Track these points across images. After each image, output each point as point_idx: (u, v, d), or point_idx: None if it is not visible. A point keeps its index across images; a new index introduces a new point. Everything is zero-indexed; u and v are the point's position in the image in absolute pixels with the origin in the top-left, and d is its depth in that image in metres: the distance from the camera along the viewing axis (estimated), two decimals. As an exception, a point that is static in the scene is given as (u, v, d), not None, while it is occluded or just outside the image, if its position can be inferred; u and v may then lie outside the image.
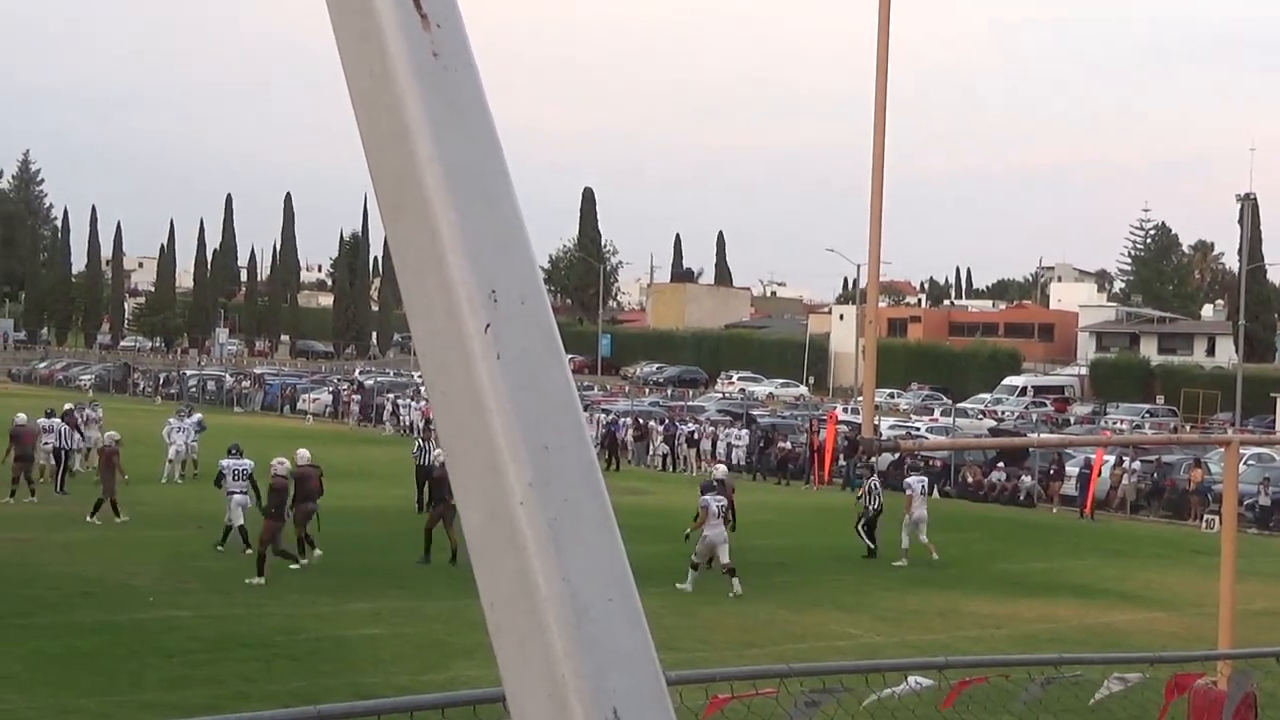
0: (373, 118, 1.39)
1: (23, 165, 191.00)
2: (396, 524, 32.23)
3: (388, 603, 22.87)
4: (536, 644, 1.23)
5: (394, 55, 1.36)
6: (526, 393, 1.31)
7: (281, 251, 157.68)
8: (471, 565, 1.31)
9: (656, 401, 74.55)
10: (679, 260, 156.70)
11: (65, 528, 29.03)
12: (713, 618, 23.12)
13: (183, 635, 19.78)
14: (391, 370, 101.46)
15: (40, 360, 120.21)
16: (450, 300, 1.33)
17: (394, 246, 1.41)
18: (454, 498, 1.31)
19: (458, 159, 1.37)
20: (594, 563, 1.27)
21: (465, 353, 1.32)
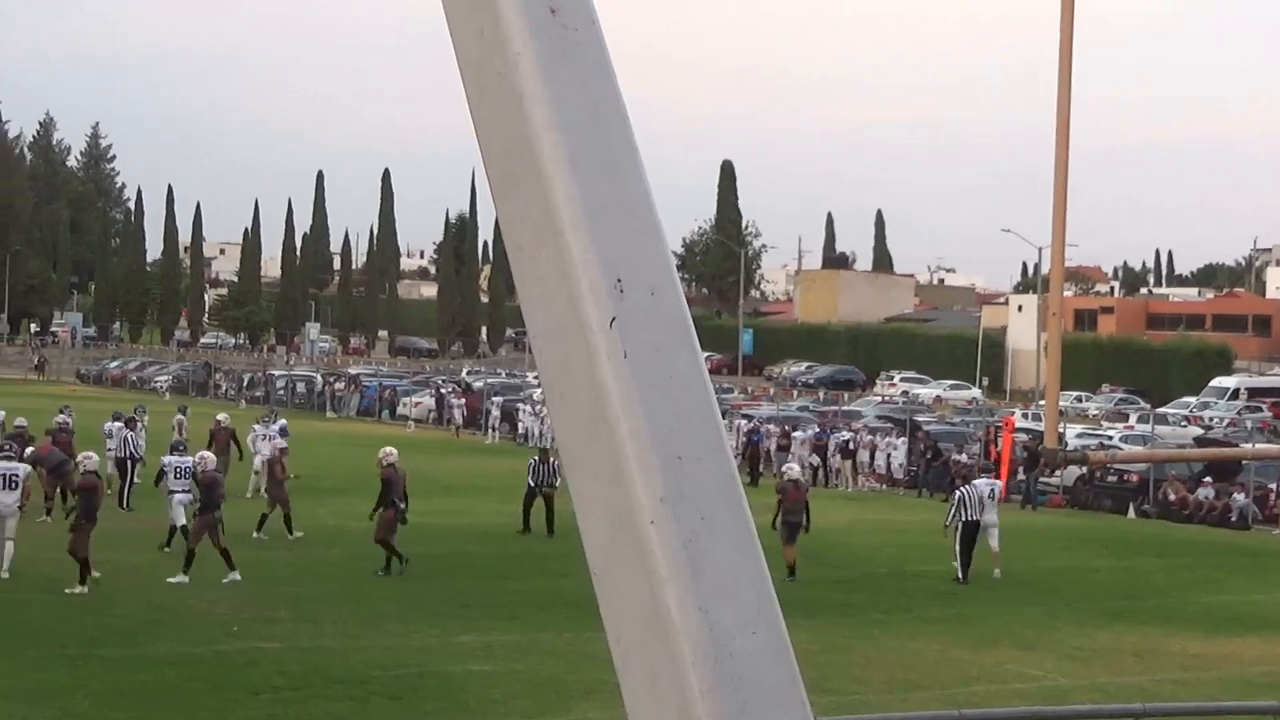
0: (482, 83, 1.39)
1: (92, 140, 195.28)
2: (509, 545, 32.43)
3: (499, 635, 23.01)
4: (669, 682, 1.23)
5: (507, 13, 1.36)
6: (657, 395, 1.30)
7: (379, 236, 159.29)
8: (594, 592, 1.31)
9: (806, 406, 74.22)
10: (831, 244, 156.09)
11: (138, 548, 29.56)
12: (871, 654, 22.97)
13: (269, 669, 20.04)
14: (503, 370, 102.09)
15: (111, 359, 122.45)
16: (570, 290, 1.33)
17: (506, 228, 1.41)
18: (575, 519, 1.32)
19: (578, 128, 1.37)
20: (735, 589, 1.26)
21: (587, 350, 1.32)
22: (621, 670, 1.29)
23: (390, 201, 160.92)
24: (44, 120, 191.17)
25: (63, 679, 18.92)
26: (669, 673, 1.27)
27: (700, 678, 1.26)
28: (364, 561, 28.95)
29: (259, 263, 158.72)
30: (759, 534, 1.33)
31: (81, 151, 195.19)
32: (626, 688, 1.29)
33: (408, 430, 70.77)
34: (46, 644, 20.73)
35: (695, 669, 1.26)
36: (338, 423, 73.61)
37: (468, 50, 1.42)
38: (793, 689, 1.28)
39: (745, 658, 1.27)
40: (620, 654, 1.28)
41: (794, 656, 1.29)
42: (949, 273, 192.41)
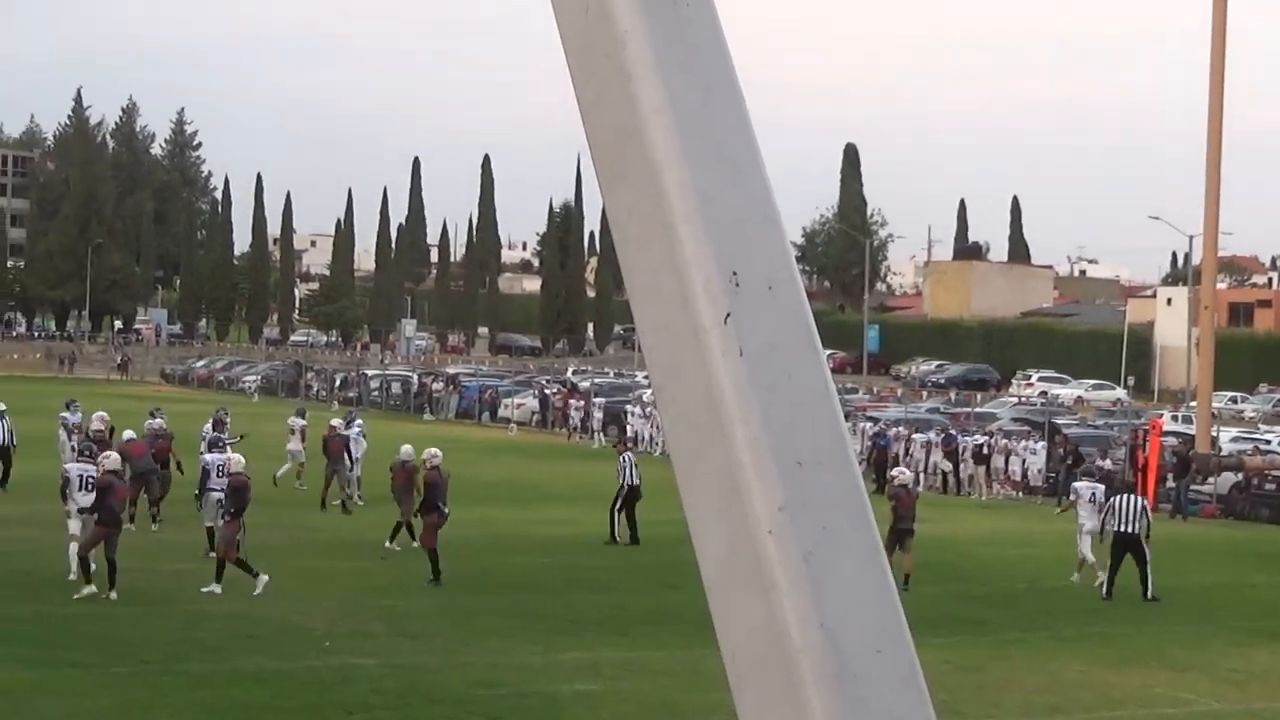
0: (588, 63, 1.40)
1: (176, 126, 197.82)
2: (616, 557, 32.50)
3: (606, 652, 23.04)
4: (788, 704, 1.22)
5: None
6: (775, 397, 1.30)
7: (479, 226, 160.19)
8: (709, 607, 1.31)
9: (936, 408, 73.83)
10: (964, 233, 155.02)
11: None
12: (1007, 675, 22.81)
13: (363, 687, 20.20)
14: (611, 370, 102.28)
15: (198, 358, 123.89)
16: (682, 284, 1.33)
17: (613, 219, 1.41)
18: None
19: (691, 111, 1.37)
20: (859, 606, 1.26)
21: (700, 348, 1.32)
22: (737, 691, 1.29)
23: (491, 190, 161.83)
24: (127, 106, 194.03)
25: (146, 696, 19.17)
26: (788, 695, 1.26)
27: (822, 700, 1.25)
28: (463, 574, 29.11)
29: (352, 256, 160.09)
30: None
31: (166, 139, 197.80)
32: (742, 710, 1.29)
33: (509, 433, 71.12)
34: (129, 659, 21.00)
35: (816, 691, 1.26)
36: (435, 425, 74.05)
37: (572, 29, 1.42)
38: (921, 712, 1.27)
39: (870, 679, 1.26)
40: (736, 674, 1.28)
41: (923, 678, 1.28)
42: (1091, 264, 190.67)
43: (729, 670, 1.28)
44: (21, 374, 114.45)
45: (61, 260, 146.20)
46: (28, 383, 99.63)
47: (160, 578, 27.44)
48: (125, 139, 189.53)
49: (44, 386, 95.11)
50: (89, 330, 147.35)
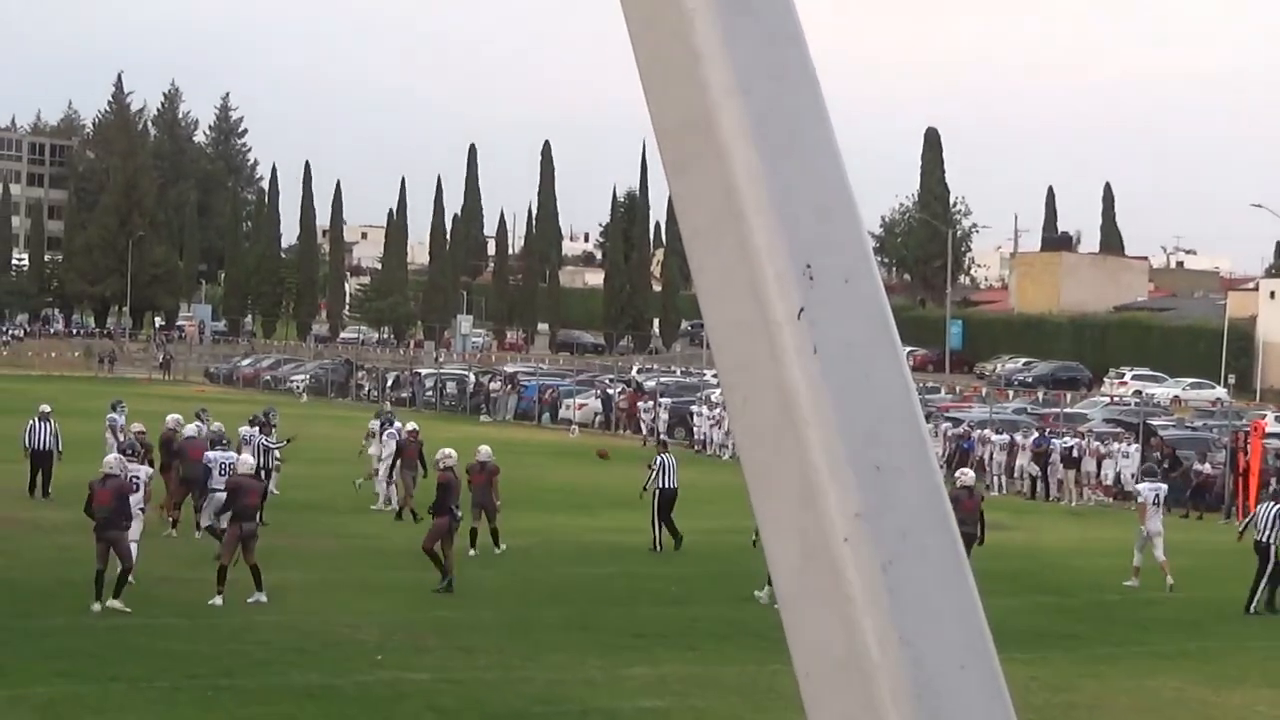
0: (653, 44, 1.40)
1: (221, 113, 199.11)
2: (684, 566, 32.51)
3: (674, 667, 23.06)
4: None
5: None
6: (852, 397, 1.30)
7: (538, 217, 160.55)
8: (781, 620, 1.31)
9: (1023, 408, 73.59)
10: (1052, 222, 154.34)
11: (277, 566, 30.05)
12: (1098, 693, 22.72)
13: (418, 703, 20.28)
14: (677, 368, 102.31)
15: (243, 356, 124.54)
16: (753, 277, 1.33)
17: (680, 209, 1.41)
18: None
19: (763, 95, 1.37)
20: (941, 619, 1.25)
21: (772, 345, 1.32)
22: (811, 710, 1.29)
23: (551, 179, 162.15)
24: (169, 91, 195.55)
25: (192, 712, 19.32)
26: (866, 713, 1.26)
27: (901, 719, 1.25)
28: (524, 584, 29.20)
29: (405, 248, 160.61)
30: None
31: (210, 126, 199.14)
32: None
33: (571, 436, 71.24)
34: (174, 673, 21.16)
35: (895, 709, 1.25)
36: (493, 427, 74.23)
37: (637, 7, 1.43)
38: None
39: (953, 697, 1.26)
40: (810, 692, 1.28)
41: (1008, 695, 1.27)
42: (1189, 254, 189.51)
43: (802, 688, 1.28)
44: (60, 373, 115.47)
45: (101, 254, 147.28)
46: (67, 382, 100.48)
47: (206, 588, 27.60)
48: (167, 126, 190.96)
49: (84, 386, 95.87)
50: (130, 327, 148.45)
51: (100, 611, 24.40)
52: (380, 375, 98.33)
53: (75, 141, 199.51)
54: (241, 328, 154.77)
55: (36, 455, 38.96)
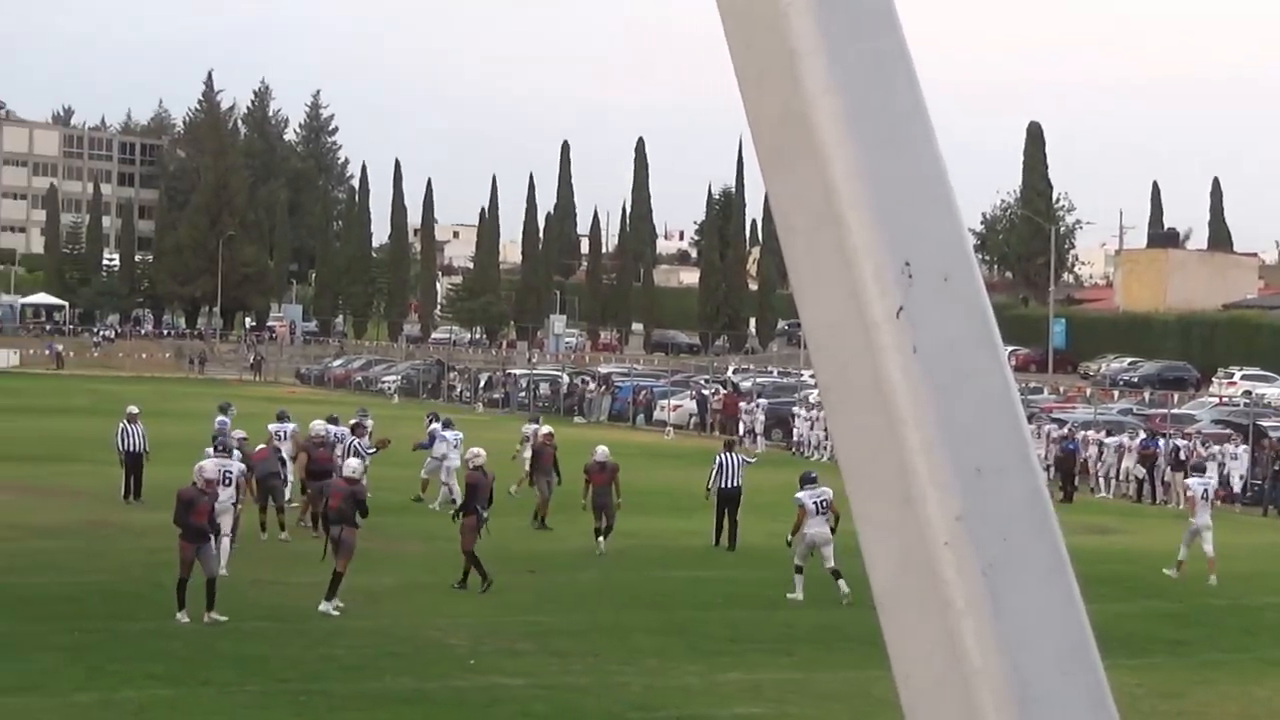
0: (748, 39, 1.40)
1: (311, 111, 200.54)
2: (781, 570, 32.43)
3: (770, 673, 23.03)
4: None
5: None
6: (951, 397, 1.30)
7: (632, 215, 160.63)
8: (880, 626, 1.31)
9: (1129, 409, 73.01)
10: (1158, 218, 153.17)
11: (375, 570, 30.21)
12: (1207, 701, 22.51)
13: (511, 709, 20.33)
14: (774, 369, 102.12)
15: (334, 357, 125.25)
16: (851, 276, 1.33)
17: (777, 206, 1.41)
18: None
19: (860, 90, 1.37)
20: (1043, 624, 1.25)
21: (870, 345, 1.32)
22: (911, 716, 1.28)
23: (645, 176, 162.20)
24: (259, 89, 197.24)
25: (283, 717, 19.45)
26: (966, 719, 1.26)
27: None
28: (618, 588, 29.23)
29: (497, 247, 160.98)
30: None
31: (300, 124, 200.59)
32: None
33: (666, 437, 71.20)
34: (265, 677, 21.31)
35: (997, 716, 1.25)
36: (586, 429, 74.27)
37: (732, 3, 1.43)
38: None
39: (1055, 703, 1.25)
40: (909, 698, 1.27)
41: (1113, 702, 1.27)
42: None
43: (902, 694, 1.28)
44: (151, 374, 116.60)
45: (191, 254, 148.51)
46: (158, 384, 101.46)
47: (295, 591, 27.78)
48: (257, 124, 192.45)
49: (174, 388, 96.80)
50: (220, 328, 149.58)
51: (188, 622, 24.45)
52: (473, 376, 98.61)
53: (166, 141, 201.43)
54: (332, 328, 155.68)
55: (129, 458, 39.28)
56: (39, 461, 48.07)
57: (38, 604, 25.78)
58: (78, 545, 32.32)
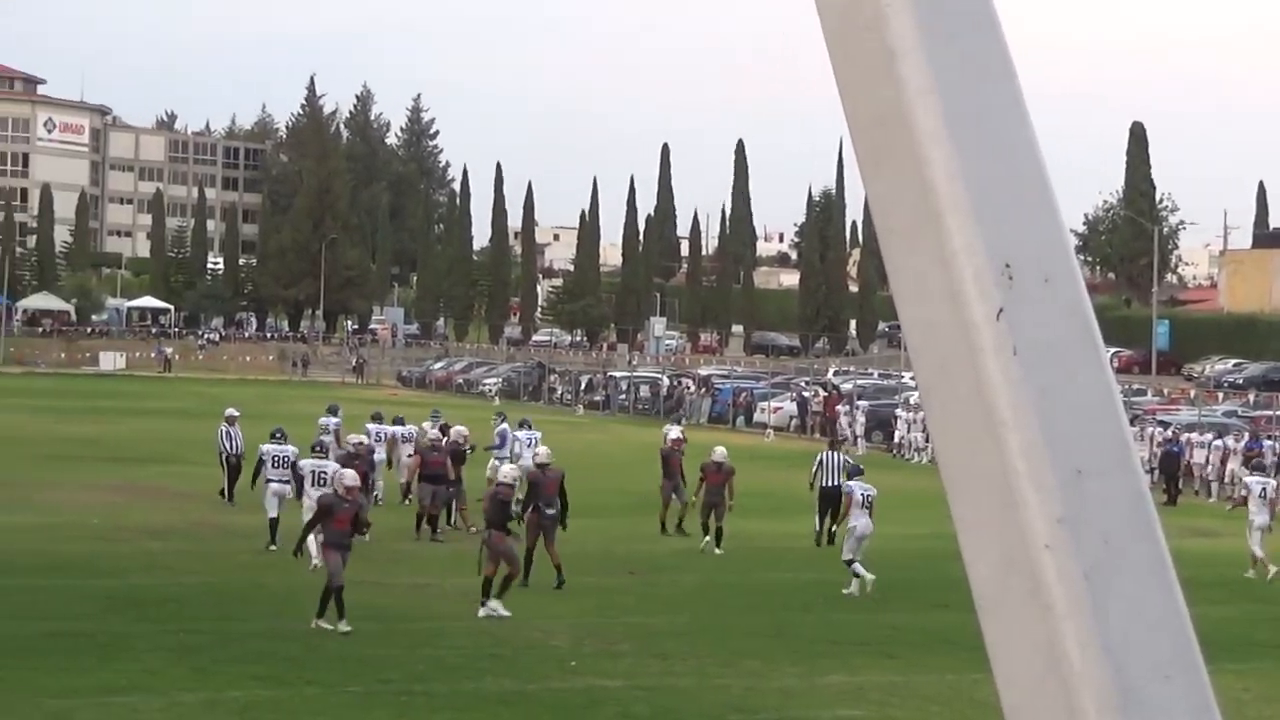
0: (847, 41, 1.39)
1: (413, 114, 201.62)
2: (880, 573, 32.34)
3: (872, 675, 22.96)
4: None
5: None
6: (1053, 399, 1.29)
7: (732, 217, 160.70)
8: (980, 629, 1.30)
9: (1234, 411, 72.31)
10: (1264, 218, 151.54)
11: (466, 572, 30.33)
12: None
13: (612, 710, 20.36)
14: (875, 370, 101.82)
15: (436, 359, 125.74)
16: (951, 278, 1.33)
17: (876, 208, 1.41)
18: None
19: (960, 91, 1.36)
20: (1145, 627, 1.24)
21: (970, 347, 1.31)
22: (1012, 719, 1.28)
23: (745, 178, 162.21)
24: (361, 94, 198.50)
25: (385, 717, 19.56)
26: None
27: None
28: (719, 589, 29.22)
29: (597, 249, 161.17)
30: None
31: (402, 127, 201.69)
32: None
33: (766, 439, 71.12)
34: (367, 678, 21.44)
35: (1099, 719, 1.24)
36: (686, 430, 74.23)
37: (831, 4, 1.42)
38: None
39: (1158, 707, 1.24)
40: (1011, 702, 1.27)
41: (1217, 708, 1.26)
42: None
43: (1003, 698, 1.27)
44: (255, 377, 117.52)
45: (294, 257, 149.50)
46: (261, 386, 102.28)
47: (398, 592, 27.95)
48: (360, 128, 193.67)
49: (278, 390, 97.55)
50: (323, 330, 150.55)
51: (350, 630, 24.35)
52: (573, 378, 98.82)
53: (269, 145, 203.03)
54: (434, 330, 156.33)
55: (229, 460, 39.59)
56: (146, 463, 48.60)
57: (146, 605, 26.06)
58: (184, 546, 32.64)
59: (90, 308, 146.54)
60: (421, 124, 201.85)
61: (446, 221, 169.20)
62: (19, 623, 24.04)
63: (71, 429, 63.57)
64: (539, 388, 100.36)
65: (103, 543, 32.71)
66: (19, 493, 40.58)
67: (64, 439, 58.25)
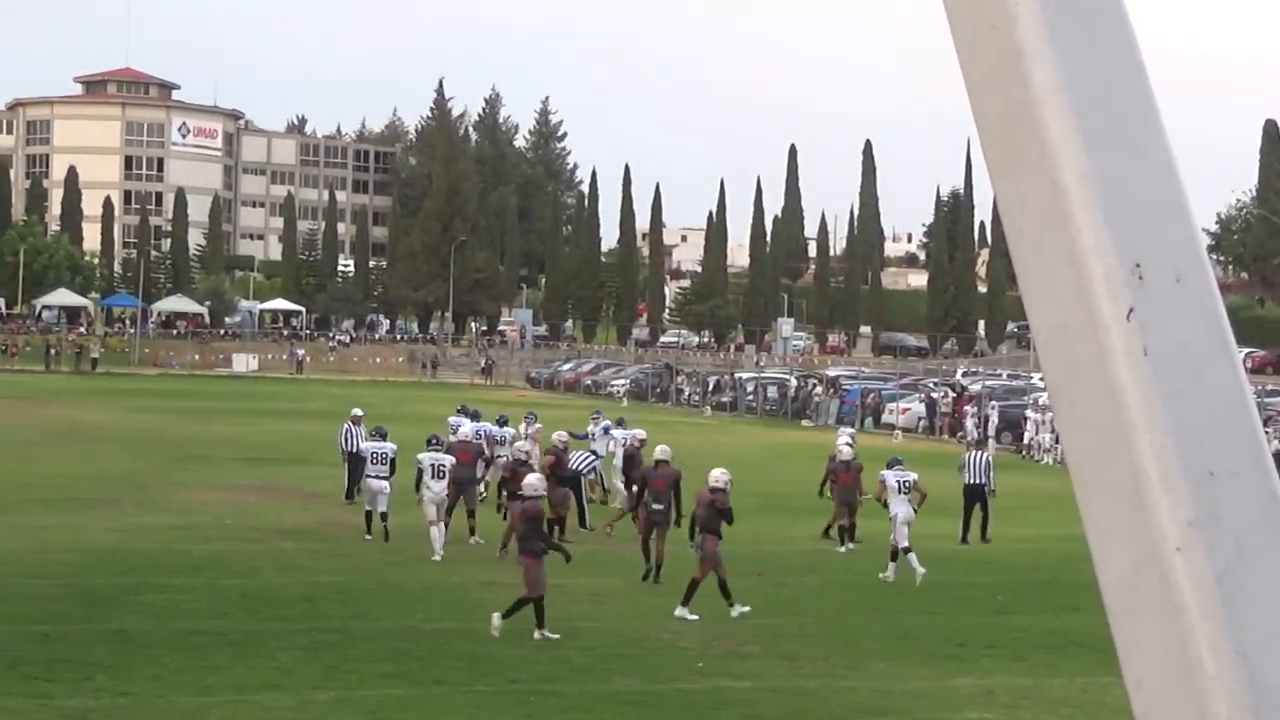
0: (974, 39, 1.39)
1: (541, 117, 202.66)
2: (1010, 575, 32.15)
3: (1002, 678, 22.81)
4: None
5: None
6: (1184, 400, 1.27)
7: (860, 218, 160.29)
8: (1110, 633, 1.29)
9: (1371, 412, 71.21)
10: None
11: (594, 572, 30.42)
12: None
13: (740, 712, 20.34)
14: (1004, 371, 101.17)
15: (563, 361, 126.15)
16: (1080, 278, 1.32)
17: (1005, 208, 1.40)
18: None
19: (1090, 89, 1.35)
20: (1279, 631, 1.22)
21: (1100, 347, 1.30)
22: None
23: (873, 178, 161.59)
24: (489, 96, 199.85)
25: (513, 717, 19.63)
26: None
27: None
28: (846, 591, 29.14)
29: (725, 251, 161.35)
30: None
31: (530, 130, 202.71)
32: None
33: (894, 440, 70.81)
34: (496, 678, 21.53)
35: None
36: (814, 432, 74.16)
37: (958, 3, 1.42)
38: (1353, 751, 1.23)
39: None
40: (1142, 707, 1.25)
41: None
42: None
43: (1134, 701, 1.26)
44: (385, 378, 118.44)
45: (424, 260, 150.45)
46: (391, 388, 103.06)
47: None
48: (488, 131, 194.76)
49: (407, 391, 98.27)
50: (452, 332, 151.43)
51: (556, 636, 24.40)
52: (701, 379, 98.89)
53: (399, 148, 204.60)
54: (562, 332, 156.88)
55: (351, 458, 39.87)
56: (279, 464, 49.10)
57: (278, 604, 26.32)
58: (316, 546, 32.92)
59: (223, 310, 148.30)
60: (550, 127, 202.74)
61: (574, 223, 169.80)
62: (155, 621, 24.36)
63: (206, 430, 64.37)
64: (666, 389, 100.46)
65: (236, 542, 33.06)
66: (156, 494, 41.13)
67: (199, 440, 58.98)
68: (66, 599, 26.03)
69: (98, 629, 23.70)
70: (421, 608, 26.18)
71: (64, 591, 26.66)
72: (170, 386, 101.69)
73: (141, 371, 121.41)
